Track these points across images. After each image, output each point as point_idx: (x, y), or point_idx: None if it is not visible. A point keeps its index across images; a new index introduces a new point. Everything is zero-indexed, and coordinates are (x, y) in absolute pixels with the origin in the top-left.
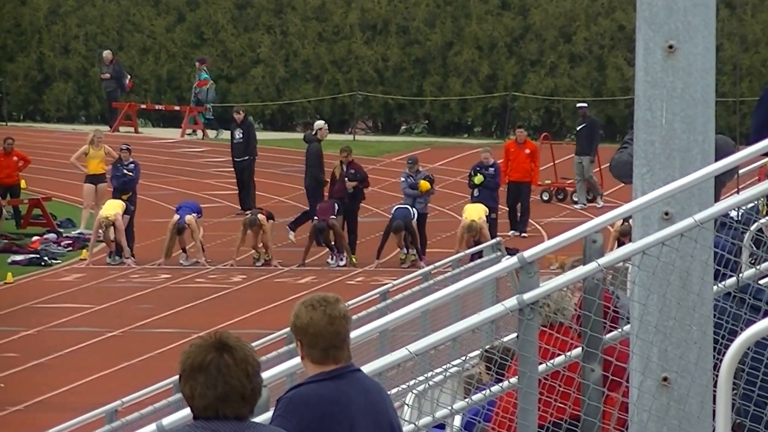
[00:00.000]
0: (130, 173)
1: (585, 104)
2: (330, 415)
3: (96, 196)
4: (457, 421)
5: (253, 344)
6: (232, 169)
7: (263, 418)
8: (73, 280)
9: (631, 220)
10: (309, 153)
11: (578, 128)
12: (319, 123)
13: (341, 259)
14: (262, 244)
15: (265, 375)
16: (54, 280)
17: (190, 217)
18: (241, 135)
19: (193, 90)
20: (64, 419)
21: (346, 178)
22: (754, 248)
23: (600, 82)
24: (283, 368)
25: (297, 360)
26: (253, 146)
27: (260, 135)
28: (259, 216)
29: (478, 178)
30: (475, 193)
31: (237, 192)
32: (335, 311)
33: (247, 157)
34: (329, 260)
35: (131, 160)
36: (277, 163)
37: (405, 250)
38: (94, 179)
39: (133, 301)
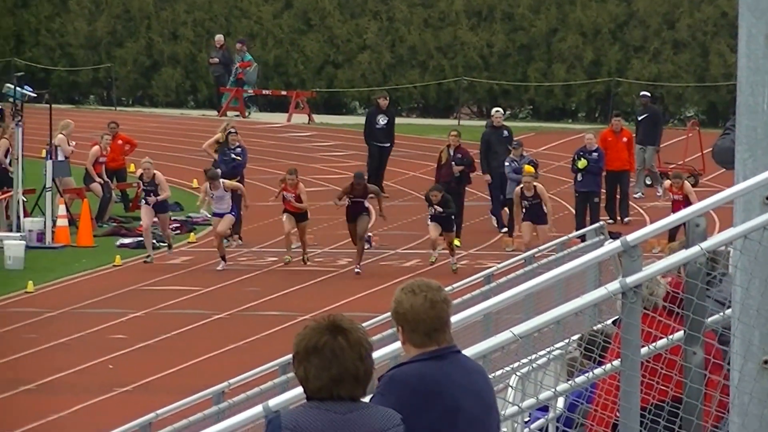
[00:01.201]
0: (238, 157)
1: (647, 93)
2: (431, 393)
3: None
4: (560, 403)
5: None
6: (342, 153)
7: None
8: (181, 263)
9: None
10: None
11: (639, 117)
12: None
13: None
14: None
15: None
16: (162, 263)
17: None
18: (385, 121)
19: (234, 71)
20: (172, 401)
21: (453, 163)
22: None
23: (703, 68)
24: (386, 351)
25: (399, 344)
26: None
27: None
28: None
29: (582, 163)
30: (579, 177)
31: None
32: (436, 296)
33: (388, 144)
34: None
35: (238, 144)
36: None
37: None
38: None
39: (240, 284)
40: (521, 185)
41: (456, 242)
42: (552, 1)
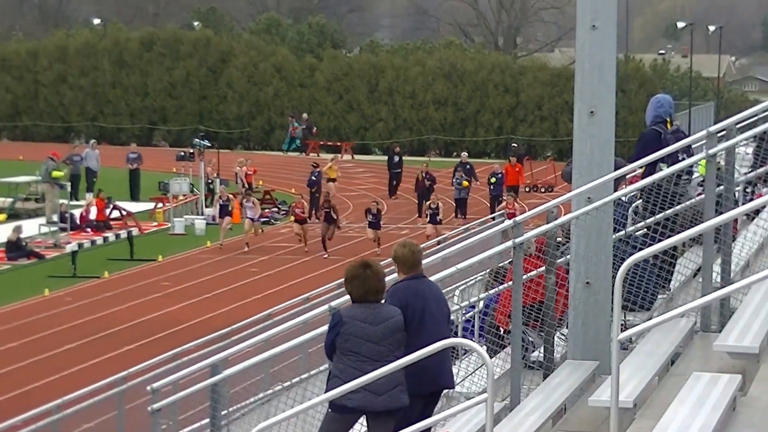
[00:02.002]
0: (314, 177)
1: (516, 144)
2: (413, 296)
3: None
4: (481, 304)
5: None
6: (368, 175)
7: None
8: (285, 232)
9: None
10: None
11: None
12: None
13: None
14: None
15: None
16: (275, 230)
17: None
18: (397, 159)
19: (288, 134)
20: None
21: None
22: (634, 216)
23: (555, 131)
24: (391, 278)
25: (396, 275)
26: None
27: None
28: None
29: (493, 179)
30: (491, 187)
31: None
32: (415, 248)
33: (399, 170)
34: None
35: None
36: None
37: None
38: (332, 180)
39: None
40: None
41: None
42: (477, 94)
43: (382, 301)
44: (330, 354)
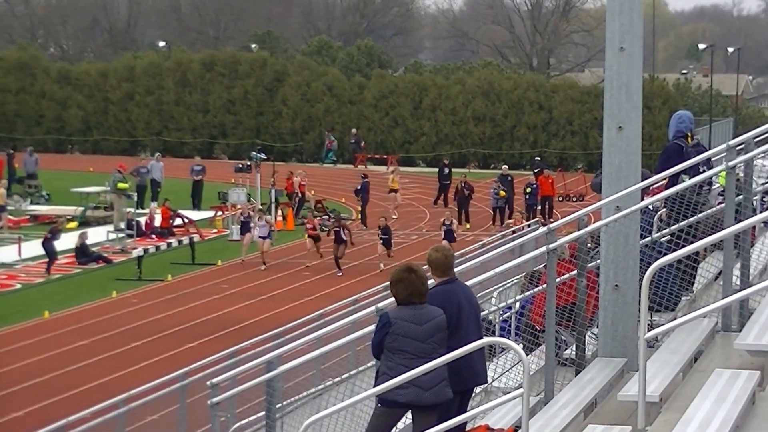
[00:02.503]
0: (360, 187)
1: (539, 158)
2: (448, 300)
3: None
4: (517, 305)
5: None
6: (413, 185)
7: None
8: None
9: None
10: None
11: (536, 169)
12: None
13: None
14: None
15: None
16: (325, 237)
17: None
18: (447, 171)
19: (325, 147)
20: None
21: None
22: (659, 223)
23: (585, 144)
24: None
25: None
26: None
27: None
28: None
29: (528, 189)
30: (527, 196)
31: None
32: (448, 253)
33: (448, 182)
34: None
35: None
36: None
37: None
38: (394, 191)
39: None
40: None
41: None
42: (513, 111)
43: (425, 303)
44: (377, 353)
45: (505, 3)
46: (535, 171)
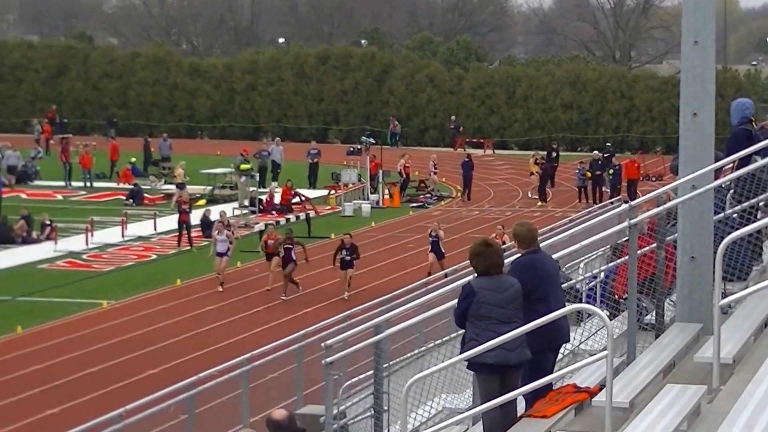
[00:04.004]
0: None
1: (609, 144)
2: (534, 266)
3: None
4: (602, 275)
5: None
6: (507, 167)
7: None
8: (437, 215)
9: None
10: None
11: (606, 153)
12: None
13: None
14: None
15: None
16: (428, 214)
17: None
18: (555, 154)
19: (390, 130)
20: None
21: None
22: (731, 200)
23: (663, 129)
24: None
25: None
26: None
27: None
28: None
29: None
30: (609, 178)
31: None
32: (531, 227)
33: (557, 164)
34: None
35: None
36: None
37: None
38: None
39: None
40: None
41: None
42: (598, 99)
43: (502, 273)
44: (461, 322)
45: (590, 1)
46: (605, 155)
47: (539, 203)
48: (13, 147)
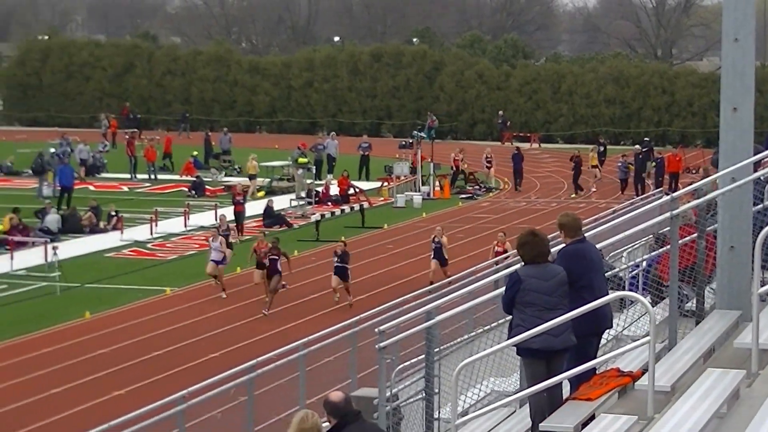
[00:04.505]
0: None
1: (648, 139)
2: (580, 254)
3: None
4: (644, 263)
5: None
6: (552, 160)
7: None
8: (485, 206)
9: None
10: None
11: (644, 148)
12: None
13: None
14: None
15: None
16: (477, 205)
17: None
18: (603, 149)
19: (427, 125)
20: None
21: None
22: None
23: (703, 124)
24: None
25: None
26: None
27: None
28: None
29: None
30: (652, 171)
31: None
32: (576, 216)
33: (605, 158)
34: None
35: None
36: None
37: None
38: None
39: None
40: None
41: None
42: (640, 94)
43: (548, 262)
44: (508, 308)
45: (633, 0)
46: (644, 149)
47: (572, 195)
48: (84, 141)
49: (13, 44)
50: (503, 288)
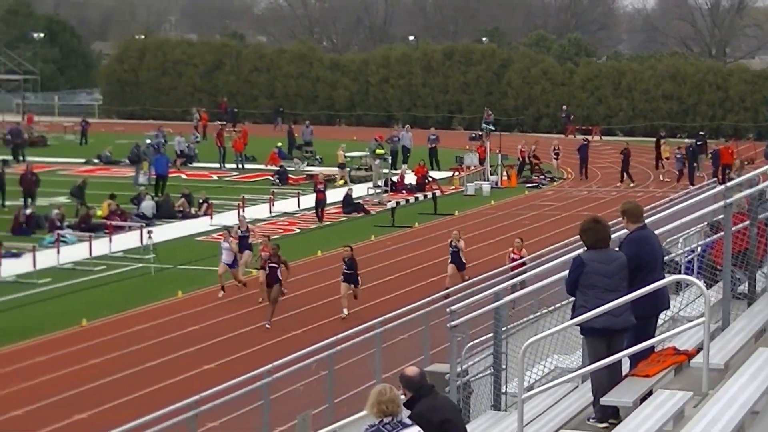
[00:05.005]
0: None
1: (702, 133)
2: (644, 240)
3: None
4: (699, 249)
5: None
6: (613, 152)
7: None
8: (550, 194)
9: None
10: None
11: (699, 142)
12: None
13: None
14: None
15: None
16: (542, 193)
17: None
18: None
19: (484, 118)
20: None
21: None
22: None
23: (755, 118)
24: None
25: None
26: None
27: None
28: None
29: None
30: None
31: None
32: (638, 204)
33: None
34: None
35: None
36: None
37: None
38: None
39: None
40: None
41: None
42: (695, 91)
43: (609, 247)
44: (571, 290)
45: (689, 2)
46: (698, 142)
47: (618, 184)
48: (180, 133)
49: (113, 43)
50: (566, 271)
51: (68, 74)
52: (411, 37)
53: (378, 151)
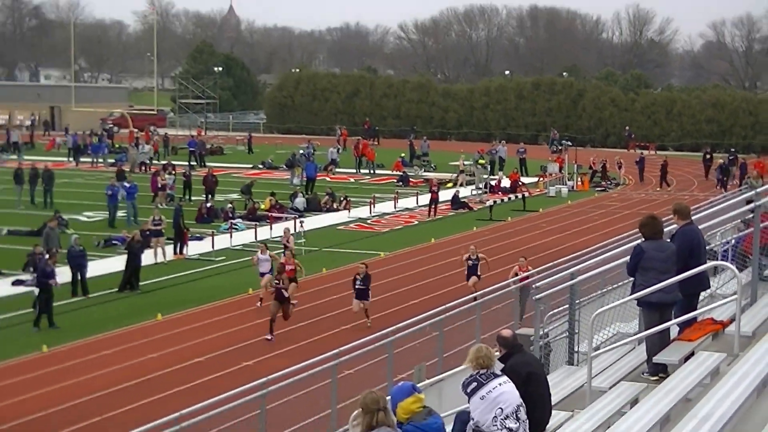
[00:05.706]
0: (638, 160)
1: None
2: (696, 236)
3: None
4: (733, 241)
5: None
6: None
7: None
8: (609, 202)
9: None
10: None
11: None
12: None
13: None
14: None
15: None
16: (608, 196)
17: None
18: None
19: (551, 137)
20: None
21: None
22: None
23: None
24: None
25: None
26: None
27: None
28: None
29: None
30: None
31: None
32: (686, 203)
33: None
34: None
35: (642, 157)
36: None
37: None
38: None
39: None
40: None
41: None
42: (732, 116)
43: (662, 238)
44: (632, 272)
45: (727, 46)
46: (730, 157)
47: (657, 189)
48: (333, 145)
49: (275, 75)
50: (628, 257)
51: (240, 99)
52: (507, 72)
53: (480, 161)
